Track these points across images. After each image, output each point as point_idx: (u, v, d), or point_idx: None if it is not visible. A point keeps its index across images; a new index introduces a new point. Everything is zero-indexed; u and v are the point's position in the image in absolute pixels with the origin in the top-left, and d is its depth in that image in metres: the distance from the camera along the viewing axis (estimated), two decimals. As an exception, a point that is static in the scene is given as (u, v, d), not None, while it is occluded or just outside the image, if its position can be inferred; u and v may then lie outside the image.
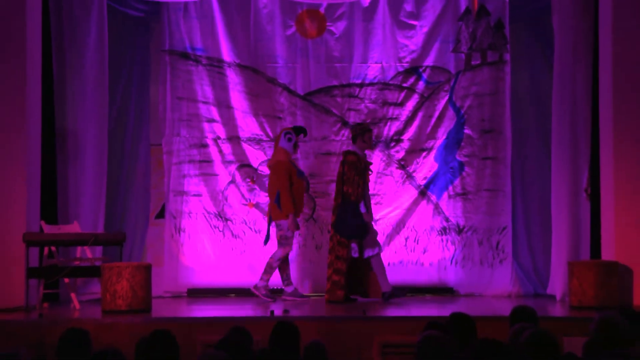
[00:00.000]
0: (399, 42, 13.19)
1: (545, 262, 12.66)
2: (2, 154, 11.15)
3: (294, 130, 12.21)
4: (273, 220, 12.06)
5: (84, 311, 10.96)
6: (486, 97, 13.09)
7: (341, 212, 11.72)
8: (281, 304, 11.56)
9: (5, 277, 10.96)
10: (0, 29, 11.21)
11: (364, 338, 9.73)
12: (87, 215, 12.33)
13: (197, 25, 13.16)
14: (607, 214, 11.48)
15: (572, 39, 12.06)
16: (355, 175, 11.62)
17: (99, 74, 12.46)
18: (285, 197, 11.85)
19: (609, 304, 10.50)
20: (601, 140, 11.62)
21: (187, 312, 11.52)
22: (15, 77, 11.26)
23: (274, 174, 12.05)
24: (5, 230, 11.06)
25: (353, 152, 11.80)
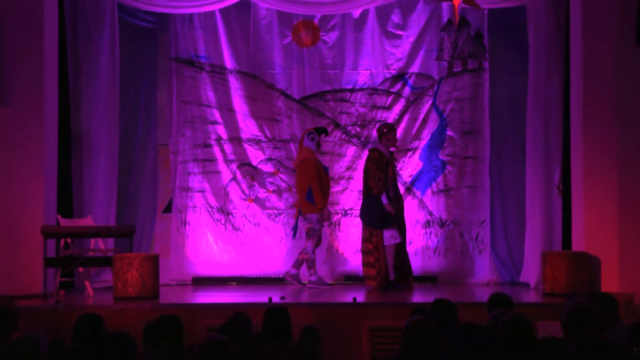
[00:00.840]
0: (386, 50, 13.19)
1: (520, 252, 12.67)
2: (21, 154, 11.14)
3: (316, 130, 12.22)
4: (303, 214, 12.04)
5: (97, 298, 10.95)
6: (467, 102, 13.11)
7: (365, 204, 11.77)
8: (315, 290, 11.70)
9: (24, 266, 10.96)
10: (20, 40, 11.18)
11: (354, 323, 9.74)
12: (99, 210, 12.32)
13: (201, 35, 13.15)
14: (577, 208, 11.49)
15: (546, 49, 12.08)
16: (377, 170, 11.57)
17: (111, 80, 12.44)
18: (317, 192, 11.89)
19: (579, 291, 10.51)
20: (572, 141, 11.63)
21: (191, 299, 11.51)
22: (33, 84, 11.23)
23: (302, 172, 12.05)
24: (24, 223, 11.06)
25: (376, 149, 11.75)
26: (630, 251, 10.93)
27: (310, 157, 12.03)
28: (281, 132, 13.20)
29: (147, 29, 13.30)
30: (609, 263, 10.95)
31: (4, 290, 10.49)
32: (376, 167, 11.59)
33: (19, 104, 11.17)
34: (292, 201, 13.15)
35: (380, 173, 11.57)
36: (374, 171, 11.58)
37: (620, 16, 10.86)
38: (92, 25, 12.31)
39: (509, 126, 13.20)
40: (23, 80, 11.20)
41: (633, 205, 10.99)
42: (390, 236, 11.60)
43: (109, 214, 12.42)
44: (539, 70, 12.18)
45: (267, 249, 13.12)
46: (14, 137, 11.15)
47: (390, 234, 11.59)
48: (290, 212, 13.15)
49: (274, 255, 13.10)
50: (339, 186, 13.17)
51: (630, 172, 11.02)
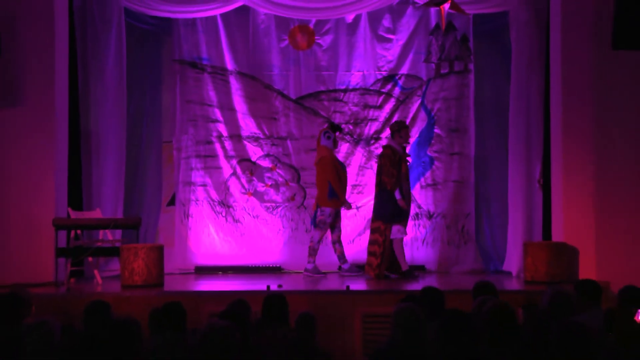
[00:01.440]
0: (378, 53, 13.20)
1: (503, 243, 12.67)
2: (34, 151, 11.15)
3: (331, 128, 12.18)
4: (320, 206, 12.00)
5: (106, 286, 10.96)
6: (453, 101, 13.12)
7: (378, 199, 11.72)
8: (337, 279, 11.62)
9: (37, 256, 10.96)
10: (33, 43, 11.17)
11: (347, 309, 9.74)
12: (108, 203, 12.33)
13: (203, 38, 13.15)
14: (557, 201, 11.50)
15: (527, 52, 12.09)
16: (390, 166, 11.47)
17: (118, 80, 12.44)
18: (337, 187, 11.87)
19: (558, 279, 10.53)
20: (552, 138, 11.64)
21: (194, 287, 11.50)
22: (44, 85, 11.24)
23: (321, 170, 12.00)
24: (37, 216, 11.06)
25: (389, 146, 11.68)
26: (606, 242, 10.95)
27: (328, 155, 12.00)
28: (279, 130, 13.21)
29: (152, 32, 13.30)
30: (586, 253, 10.96)
31: (18, 279, 10.50)
32: (390, 164, 11.50)
33: (32, 103, 11.17)
34: (288, 195, 13.18)
35: (393, 169, 11.47)
36: (387, 167, 11.50)
37: (597, 22, 10.86)
38: (100, 29, 12.31)
39: (493, 124, 13.20)
40: (35, 81, 11.20)
41: (609, 198, 11.00)
42: (397, 230, 11.54)
43: (116, 206, 12.43)
44: (520, 72, 12.19)
45: (265, 240, 13.13)
46: (27, 134, 11.15)
47: (397, 228, 11.52)
48: (288, 204, 13.18)
49: (272, 245, 13.12)
50: (333, 181, 13.18)
51: (606, 167, 11.03)
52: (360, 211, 13.10)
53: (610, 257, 10.88)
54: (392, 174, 11.47)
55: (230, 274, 12.69)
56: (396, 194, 11.42)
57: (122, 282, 10.58)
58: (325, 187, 11.89)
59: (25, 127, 11.15)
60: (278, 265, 12.83)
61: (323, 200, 11.91)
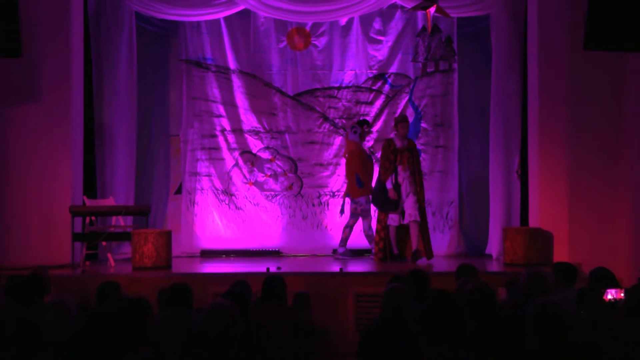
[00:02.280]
0: (369, 53, 13.19)
1: (484, 228, 12.70)
2: (52, 144, 11.14)
3: (358, 123, 12.21)
4: (352, 197, 11.96)
5: (118, 268, 10.96)
6: (438, 98, 13.11)
7: (374, 189, 11.69)
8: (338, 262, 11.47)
9: (55, 241, 10.97)
10: (50, 44, 11.15)
11: (341, 290, 9.76)
12: (120, 191, 12.33)
13: (208, 39, 13.13)
14: (533, 190, 11.52)
15: (507, 53, 12.10)
16: (383, 157, 11.43)
17: (129, 79, 12.44)
18: (364, 178, 11.88)
19: (534, 261, 10.55)
20: (529, 132, 11.66)
21: (200, 269, 11.51)
22: (61, 82, 11.22)
23: (349, 162, 12.05)
24: (54, 204, 11.06)
25: (388, 138, 11.66)
26: (578, 227, 10.97)
27: (355, 149, 12.02)
28: (277, 124, 13.21)
29: (160, 34, 13.30)
30: (560, 237, 11.00)
31: (38, 261, 10.46)
32: (384, 155, 11.46)
33: (50, 99, 11.16)
34: (286, 184, 13.20)
35: (385, 161, 11.42)
36: (382, 159, 11.47)
37: (571, 25, 10.86)
38: (113, 31, 12.31)
39: (475, 119, 13.20)
40: (53, 79, 11.18)
41: (581, 187, 11.02)
42: (390, 218, 11.52)
43: (128, 195, 12.43)
44: (500, 71, 12.21)
45: (265, 226, 13.14)
46: (45, 128, 11.13)
47: (390, 217, 11.49)
48: (286, 193, 13.19)
49: (271, 231, 13.13)
50: (327, 171, 13.19)
51: (578, 159, 11.05)
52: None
53: (582, 241, 10.90)
54: (383, 165, 11.44)
55: (232, 257, 12.70)
56: (387, 183, 11.37)
57: (133, 264, 10.59)
58: (353, 178, 11.90)
59: (43, 122, 11.14)
60: (277, 249, 12.85)
61: (354, 190, 11.92)
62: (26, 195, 11.10)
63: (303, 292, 7.80)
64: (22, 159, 11.13)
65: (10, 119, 11.11)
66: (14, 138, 11.14)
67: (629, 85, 10.80)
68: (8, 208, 11.08)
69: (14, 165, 11.13)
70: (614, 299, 6.61)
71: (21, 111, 11.12)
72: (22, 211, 11.10)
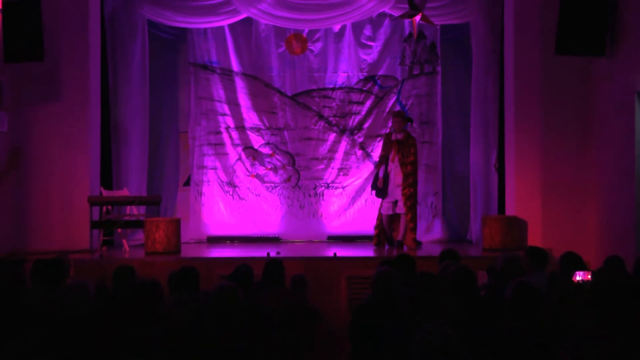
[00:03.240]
0: (360, 57, 13.18)
1: (465, 217, 12.72)
2: (72, 140, 11.15)
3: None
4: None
5: (132, 253, 10.97)
6: (423, 98, 13.11)
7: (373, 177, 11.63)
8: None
9: (75, 228, 10.97)
10: (70, 49, 11.15)
11: (335, 273, 9.77)
12: (133, 183, 12.34)
13: (213, 44, 13.12)
14: (510, 182, 11.54)
15: (485, 57, 12.12)
16: (382, 149, 11.42)
17: (142, 80, 12.43)
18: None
19: (510, 246, 10.56)
20: (506, 129, 11.67)
21: (206, 253, 11.51)
22: (80, 84, 11.22)
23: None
24: (74, 194, 11.07)
25: (388, 132, 11.58)
26: (550, 215, 11.00)
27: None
28: (277, 122, 13.20)
29: (170, 40, 13.28)
30: (534, 224, 11.01)
31: (60, 247, 10.50)
32: (382, 147, 11.45)
33: (69, 99, 11.17)
34: (285, 177, 13.20)
35: (382, 152, 11.44)
36: (379, 151, 11.43)
37: (544, 32, 10.87)
38: (127, 37, 12.30)
39: (457, 118, 13.19)
40: (72, 80, 11.18)
41: (552, 180, 11.04)
42: (383, 207, 11.46)
43: (140, 186, 12.45)
44: (479, 74, 12.24)
45: (265, 214, 13.15)
46: (66, 125, 11.15)
47: (384, 205, 11.39)
48: (284, 185, 13.19)
49: (271, 219, 13.13)
50: (322, 165, 13.18)
51: (550, 154, 11.07)
52: (345, 190, 13.12)
53: (553, 228, 10.93)
54: (379, 155, 11.44)
55: (236, 242, 12.71)
56: (380, 172, 11.34)
57: (146, 249, 10.60)
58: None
59: (63, 119, 11.14)
60: (276, 236, 12.85)
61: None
62: (48, 186, 11.11)
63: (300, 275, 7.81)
64: (45, 153, 11.13)
65: (33, 117, 11.11)
66: (37, 134, 11.14)
67: (596, 87, 10.82)
68: (32, 198, 11.10)
69: (37, 160, 11.14)
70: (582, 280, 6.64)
71: (43, 110, 11.12)
72: (45, 201, 11.11)
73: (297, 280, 7.58)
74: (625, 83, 9.85)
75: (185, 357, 4.45)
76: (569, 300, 5.60)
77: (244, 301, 5.34)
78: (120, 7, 12.27)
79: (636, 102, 9.59)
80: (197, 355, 4.47)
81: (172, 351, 4.49)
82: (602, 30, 10.10)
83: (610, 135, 10.38)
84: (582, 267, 7.07)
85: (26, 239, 11.00)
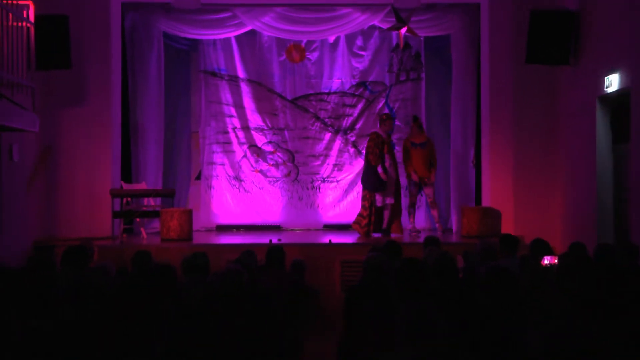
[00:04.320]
0: (352, 65, 13.16)
1: (446, 207, 12.72)
2: (96, 139, 11.20)
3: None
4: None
5: (149, 239, 10.96)
6: (409, 102, 13.10)
7: (365, 173, 11.35)
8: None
9: (98, 217, 11.00)
10: (94, 59, 11.18)
11: (330, 257, 9.79)
12: (150, 177, 12.31)
13: (222, 54, 13.08)
14: (485, 177, 11.56)
15: (464, 65, 12.10)
16: (374, 147, 11.10)
17: (158, 85, 12.40)
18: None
19: (485, 234, 10.56)
20: (482, 129, 11.68)
21: (215, 240, 11.51)
22: (102, 89, 11.25)
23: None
24: (97, 187, 11.09)
25: (375, 132, 11.32)
26: (521, 206, 11.05)
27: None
28: (278, 123, 13.18)
29: (183, 50, 13.23)
30: (506, 214, 11.04)
31: (85, 234, 10.52)
32: (373, 145, 11.15)
33: (93, 102, 11.20)
34: (285, 172, 13.18)
35: (376, 149, 11.11)
36: (372, 148, 11.14)
37: (515, 44, 10.90)
38: (145, 47, 12.27)
39: (439, 119, 13.16)
40: (96, 86, 11.21)
41: (523, 174, 11.10)
42: (377, 200, 11.37)
43: (157, 180, 12.42)
44: (459, 80, 12.22)
45: (268, 205, 13.14)
46: (90, 126, 11.18)
47: (378, 197, 11.24)
48: (285, 179, 13.17)
49: (273, 210, 13.12)
50: (318, 161, 13.17)
51: (522, 152, 11.12)
52: (339, 184, 13.12)
53: (524, 218, 10.98)
54: (375, 153, 11.17)
55: (242, 231, 12.70)
56: (378, 168, 11.18)
57: (162, 236, 10.61)
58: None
59: (88, 121, 11.16)
60: (278, 224, 12.86)
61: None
62: (75, 180, 11.13)
63: (299, 259, 7.83)
64: (71, 151, 11.15)
65: (61, 118, 11.12)
66: (64, 134, 11.15)
67: (561, 92, 10.85)
68: (60, 190, 11.12)
69: (65, 156, 11.16)
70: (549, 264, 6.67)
71: (70, 112, 11.13)
72: (72, 193, 11.13)
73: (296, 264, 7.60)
74: (587, 89, 9.89)
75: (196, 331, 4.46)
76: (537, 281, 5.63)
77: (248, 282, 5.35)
78: (139, 21, 12.24)
79: (597, 105, 9.63)
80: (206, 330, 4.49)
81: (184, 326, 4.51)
82: (567, 42, 10.18)
83: (574, 135, 10.41)
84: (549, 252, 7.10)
85: (55, 226, 11.02)
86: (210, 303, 4.98)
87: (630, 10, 8.66)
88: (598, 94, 9.52)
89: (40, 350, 4.40)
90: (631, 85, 8.61)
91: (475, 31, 11.90)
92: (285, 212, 13.07)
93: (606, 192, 9.58)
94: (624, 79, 8.83)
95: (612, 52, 9.14)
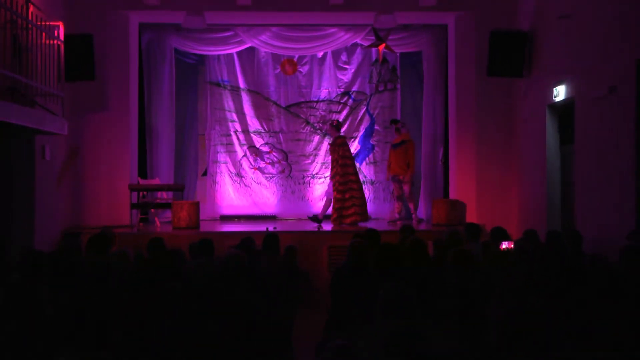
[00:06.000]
0: (338, 77, 13.16)
1: (418, 200, 12.73)
2: (117, 140, 11.08)
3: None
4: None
5: (162, 228, 10.92)
6: (387, 109, 13.11)
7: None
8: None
9: (118, 208, 10.92)
10: (115, 71, 11.09)
11: (319, 243, 9.81)
12: (163, 174, 12.29)
13: (225, 67, 13.05)
14: (452, 174, 11.58)
15: (433, 78, 12.19)
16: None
17: (169, 95, 12.38)
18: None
19: (453, 223, 10.62)
20: (449, 132, 11.71)
21: (219, 228, 11.47)
22: (122, 97, 11.16)
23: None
24: (118, 182, 11.02)
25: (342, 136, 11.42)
26: (483, 198, 11.06)
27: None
28: (274, 127, 13.16)
29: (192, 64, 13.18)
30: (470, 206, 11.07)
31: (107, 222, 10.48)
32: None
33: (114, 108, 11.11)
34: (280, 169, 13.17)
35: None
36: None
37: (478, 58, 10.91)
38: (159, 61, 12.27)
39: (412, 124, 13.11)
40: (116, 94, 11.12)
41: (485, 171, 11.10)
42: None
43: (169, 176, 12.40)
44: (429, 91, 12.29)
45: (265, 198, 13.12)
46: (112, 128, 11.10)
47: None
48: (280, 176, 13.15)
49: (270, 202, 13.11)
50: (308, 160, 13.16)
51: (483, 151, 11.12)
52: (327, 180, 13.03)
53: (485, 208, 10.99)
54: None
55: (242, 220, 12.68)
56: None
57: (173, 225, 10.59)
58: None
59: (110, 124, 11.09)
60: (273, 215, 12.84)
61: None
62: (98, 176, 11.07)
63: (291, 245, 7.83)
64: (95, 151, 11.08)
65: (87, 122, 11.05)
66: (89, 136, 11.08)
67: (517, 101, 10.87)
68: (85, 185, 11.05)
69: (89, 155, 11.09)
70: (507, 248, 6.70)
71: (94, 117, 11.07)
72: (96, 188, 11.06)
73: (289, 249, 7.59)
74: (538, 98, 9.93)
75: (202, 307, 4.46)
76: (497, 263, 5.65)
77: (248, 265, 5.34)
78: (154, 39, 12.23)
79: (547, 112, 9.68)
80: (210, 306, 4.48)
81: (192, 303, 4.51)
82: (521, 58, 10.25)
83: (528, 137, 10.44)
84: (507, 238, 7.14)
85: (81, 216, 10.95)
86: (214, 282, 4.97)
87: (574, 31, 8.72)
88: (547, 102, 9.57)
89: (68, 322, 4.39)
90: (575, 95, 8.67)
91: (443, 48, 11.94)
92: (280, 204, 13.07)
93: (554, 186, 9.64)
94: (569, 89, 8.89)
95: (559, 67, 9.19)
